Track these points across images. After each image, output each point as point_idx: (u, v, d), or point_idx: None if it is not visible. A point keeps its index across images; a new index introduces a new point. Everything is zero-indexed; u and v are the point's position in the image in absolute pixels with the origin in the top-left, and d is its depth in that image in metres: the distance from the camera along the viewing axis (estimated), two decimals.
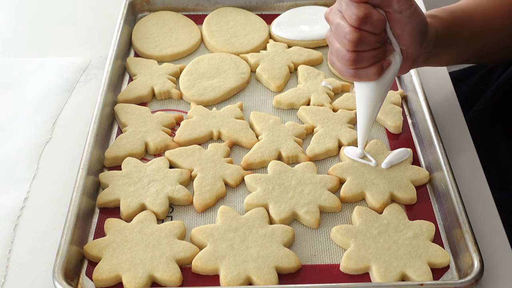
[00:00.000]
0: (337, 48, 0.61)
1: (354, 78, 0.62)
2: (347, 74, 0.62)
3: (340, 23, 0.59)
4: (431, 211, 0.67)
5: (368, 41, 0.58)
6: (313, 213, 0.64)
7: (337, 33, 0.60)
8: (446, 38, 0.67)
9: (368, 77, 0.61)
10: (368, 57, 0.60)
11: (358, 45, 0.58)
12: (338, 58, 0.61)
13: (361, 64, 0.60)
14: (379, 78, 0.62)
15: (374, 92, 0.63)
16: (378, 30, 0.59)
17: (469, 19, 0.70)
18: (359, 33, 0.58)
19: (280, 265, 0.59)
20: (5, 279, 0.61)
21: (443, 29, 0.66)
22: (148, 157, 0.73)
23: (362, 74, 0.61)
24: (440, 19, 0.67)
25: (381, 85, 0.62)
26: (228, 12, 0.95)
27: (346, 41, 0.59)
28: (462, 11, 0.70)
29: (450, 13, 0.69)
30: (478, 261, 0.58)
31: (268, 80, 0.83)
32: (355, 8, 0.57)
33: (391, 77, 0.62)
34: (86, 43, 0.93)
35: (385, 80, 0.62)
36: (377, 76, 0.61)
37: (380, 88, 0.63)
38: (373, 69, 0.61)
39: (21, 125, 0.78)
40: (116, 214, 0.65)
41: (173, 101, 0.81)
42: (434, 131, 0.71)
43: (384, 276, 0.58)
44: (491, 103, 0.86)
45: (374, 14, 0.57)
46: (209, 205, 0.67)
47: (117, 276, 0.58)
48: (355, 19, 0.57)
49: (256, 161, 0.71)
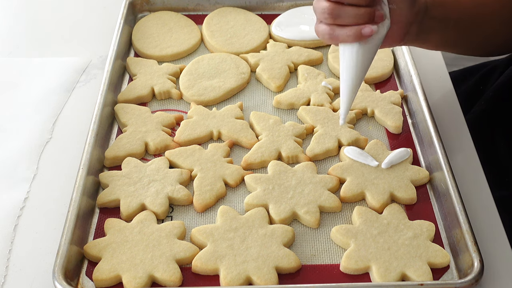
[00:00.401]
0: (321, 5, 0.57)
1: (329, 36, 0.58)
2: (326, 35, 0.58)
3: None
4: (431, 211, 0.67)
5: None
6: (313, 213, 0.64)
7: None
8: (435, 11, 0.65)
9: (346, 38, 0.57)
10: (349, 14, 0.56)
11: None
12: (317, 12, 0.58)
13: (339, 19, 0.56)
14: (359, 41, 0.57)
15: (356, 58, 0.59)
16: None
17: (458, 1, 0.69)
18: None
19: (280, 265, 0.59)
20: (5, 279, 0.61)
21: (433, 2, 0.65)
22: (148, 157, 0.73)
23: (340, 33, 0.57)
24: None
25: (364, 50, 0.58)
26: (228, 12, 0.95)
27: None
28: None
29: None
30: (478, 261, 0.58)
31: (268, 80, 0.83)
32: None
33: (375, 43, 0.58)
34: (86, 43, 0.93)
35: (369, 45, 0.58)
36: (356, 39, 0.57)
37: (363, 54, 0.58)
38: (350, 31, 0.57)
39: (21, 125, 0.78)
40: (116, 214, 0.65)
41: (173, 101, 0.81)
42: (434, 131, 0.71)
43: (384, 276, 0.58)
44: (491, 103, 0.86)
45: None
46: (209, 205, 0.67)
47: (117, 276, 0.58)
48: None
49: (256, 161, 0.71)
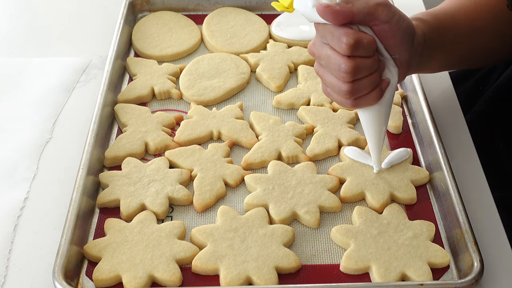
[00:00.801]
0: (332, 82, 0.58)
1: (355, 107, 0.60)
2: (347, 105, 0.59)
3: (331, 55, 0.56)
4: (431, 211, 0.67)
5: (364, 66, 0.56)
6: (313, 213, 0.64)
7: (330, 66, 0.57)
8: (433, 40, 0.65)
9: (369, 103, 0.59)
10: (367, 84, 0.57)
11: (355, 74, 0.56)
12: (335, 91, 0.59)
13: (360, 93, 0.58)
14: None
15: (379, 113, 0.61)
16: (371, 52, 0.56)
17: (453, 21, 0.69)
18: (354, 62, 0.55)
19: (280, 265, 0.59)
20: (5, 279, 0.61)
21: (430, 31, 0.65)
22: (148, 157, 0.73)
23: (363, 102, 0.59)
24: (425, 22, 0.65)
25: (384, 104, 0.60)
26: (228, 12, 0.95)
27: (342, 73, 0.56)
28: (445, 13, 0.69)
29: (434, 16, 0.68)
30: (478, 261, 0.58)
31: (268, 80, 0.83)
32: (344, 37, 0.54)
33: (392, 92, 0.60)
34: (86, 43, 0.93)
35: (386, 97, 0.60)
36: (378, 99, 0.59)
37: (384, 107, 0.61)
38: (374, 94, 0.58)
39: (21, 125, 0.78)
40: (116, 214, 0.65)
41: (173, 101, 0.81)
42: (434, 131, 0.71)
43: (384, 276, 0.58)
44: (490, 104, 0.86)
45: (364, 37, 0.55)
46: (209, 205, 0.67)
47: (117, 276, 0.58)
48: (346, 47, 0.54)
49: (256, 161, 0.71)
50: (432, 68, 0.72)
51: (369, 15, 0.55)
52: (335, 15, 0.54)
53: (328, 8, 0.54)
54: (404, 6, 0.96)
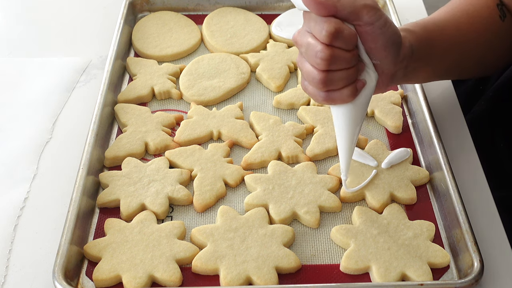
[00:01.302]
0: (308, 70, 0.58)
1: (327, 101, 0.58)
2: (319, 98, 0.58)
3: (311, 42, 0.56)
4: (431, 211, 0.67)
5: (341, 58, 0.55)
6: (313, 213, 0.64)
7: (308, 53, 0.56)
8: (421, 52, 0.65)
9: (342, 99, 0.58)
10: (341, 78, 0.57)
11: (331, 63, 0.55)
12: (309, 80, 0.58)
13: (333, 85, 0.57)
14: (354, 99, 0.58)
15: (351, 114, 0.59)
16: (350, 45, 0.56)
17: (443, 32, 0.68)
18: (331, 50, 0.55)
19: (280, 265, 0.59)
20: (5, 279, 0.61)
21: (418, 42, 0.64)
22: (148, 157, 0.73)
23: (335, 97, 0.58)
24: (414, 33, 0.65)
25: (358, 106, 0.59)
26: (228, 12, 0.95)
27: (318, 60, 0.55)
28: (434, 24, 0.68)
29: (423, 27, 0.67)
30: (478, 261, 0.58)
31: (268, 80, 0.83)
32: (325, 23, 0.54)
33: (367, 96, 0.59)
34: (86, 43, 0.93)
35: (361, 100, 0.59)
36: (351, 98, 0.58)
37: (357, 110, 0.59)
38: (347, 91, 0.57)
39: (21, 125, 0.78)
40: (116, 214, 0.65)
41: (173, 101, 0.81)
42: (434, 131, 0.71)
43: (384, 276, 0.58)
44: (490, 104, 0.86)
45: (345, 29, 0.55)
46: (209, 205, 0.67)
47: (117, 276, 0.58)
48: (326, 34, 0.54)
49: (256, 161, 0.71)
50: (419, 79, 0.71)
51: (353, 13, 0.55)
52: (318, 6, 0.54)
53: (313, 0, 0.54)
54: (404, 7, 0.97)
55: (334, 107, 0.60)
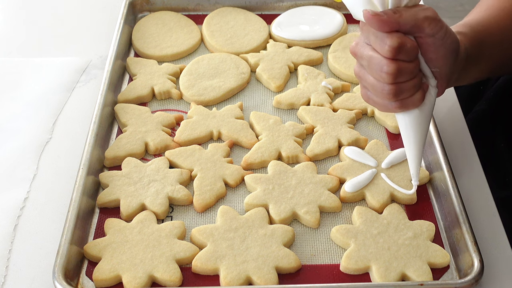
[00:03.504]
0: (373, 83, 0.58)
1: (400, 109, 0.59)
2: (390, 107, 0.59)
3: (373, 56, 0.56)
4: (431, 211, 0.67)
5: (405, 70, 0.56)
6: (313, 213, 0.64)
7: (372, 67, 0.57)
8: (473, 53, 0.65)
9: (414, 105, 0.59)
10: (409, 87, 0.57)
11: (397, 76, 0.56)
12: (376, 93, 0.58)
13: (403, 95, 0.57)
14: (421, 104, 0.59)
15: (418, 121, 0.60)
16: (413, 57, 0.56)
17: (488, 32, 0.68)
18: (396, 64, 0.55)
19: (280, 265, 0.59)
20: (5, 279, 0.61)
21: (470, 45, 0.64)
22: (148, 157, 0.73)
23: (408, 103, 0.59)
24: (466, 35, 0.65)
25: (423, 112, 0.60)
26: (228, 12, 0.95)
27: (384, 74, 0.56)
28: (480, 24, 0.69)
29: (471, 28, 0.67)
30: (478, 261, 0.58)
31: (268, 80, 0.83)
32: (388, 39, 0.54)
33: (431, 103, 0.60)
34: (86, 43, 0.93)
35: (426, 107, 0.60)
36: (421, 101, 0.59)
37: (423, 116, 0.60)
38: (418, 95, 0.58)
39: (21, 125, 0.78)
40: (116, 214, 0.65)
41: (173, 101, 0.81)
42: (434, 131, 0.71)
43: (384, 276, 0.58)
44: (491, 104, 0.86)
45: (408, 42, 0.55)
46: (209, 205, 0.67)
47: (117, 276, 0.58)
48: (389, 49, 0.54)
49: (256, 161, 0.71)
50: (469, 79, 0.71)
51: (415, 27, 0.55)
52: (381, 23, 0.54)
53: (375, 17, 0.54)
54: None
55: (402, 116, 0.61)
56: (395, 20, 0.54)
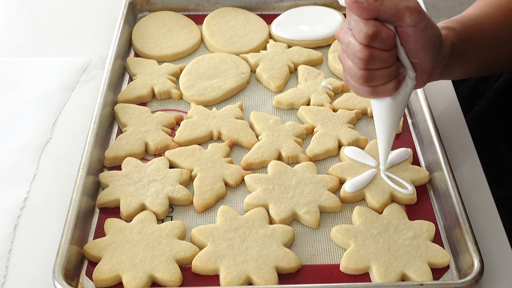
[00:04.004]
0: (349, 66, 0.59)
1: (371, 95, 0.60)
2: (363, 92, 0.60)
3: (351, 41, 0.57)
4: (431, 211, 0.67)
5: (379, 58, 0.57)
6: (313, 213, 0.64)
7: (348, 52, 0.58)
8: (460, 49, 0.65)
9: (385, 93, 0.60)
10: (382, 75, 0.58)
11: (369, 63, 0.57)
12: (351, 76, 0.60)
13: (374, 81, 0.59)
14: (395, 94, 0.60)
15: (391, 109, 0.62)
16: (388, 46, 0.57)
17: (480, 28, 0.69)
18: (369, 51, 0.56)
19: (280, 265, 0.59)
20: (5, 279, 0.61)
21: (457, 40, 0.65)
22: (148, 157, 0.73)
23: (379, 91, 0.60)
24: (454, 30, 0.65)
25: (397, 102, 0.61)
26: (228, 12, 0.95)
27: (356, 59, 0.57)
28: (473, 20, 0.69)
29: (462, 24, 0.67)
30: (478, 261, 0.58)
31: (268, 80, 0.83)
32: (364, 25, 0.55)
33: (407, 94, 0.61)
34: (86, 43, 0.93)
35: (401, 97, 0.61)
36: (394, 90, 0.60)
37: (397, 105, 0.61)
38: (391, 84, 0.59)
39: (21, 125, 0.78)
40: (116, 214, 0.65)
41: (173, 101, 0.81)
42: (434, 131, 0.71)
43: (384, 276, 0.58)
44: (491, 103, 0.86)
45: (383, 31, 0.56)
46: (209, 205, 0.67)
47: (117, 276, 0.58)
48: (364, 36, 0.56)
49: (256, 161, 0.71)
50: (454, 75, 0.71)
51: (396, 16, 0.56)
52: (361, 10, 0.55)
53: (355, 3, 0.55)
54: None
55: (376, 102, 0.62)
56: (375, 8, 0.55)
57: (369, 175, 0.68)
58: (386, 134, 0.64)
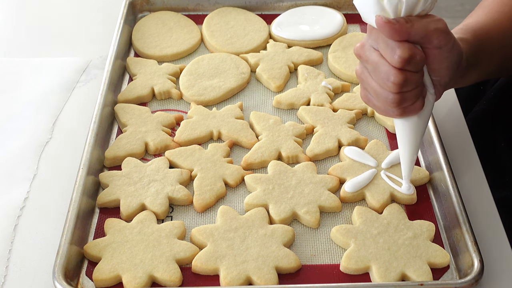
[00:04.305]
0: (376, 89, 0.58)
1: (400, 115, 0.59)
2: (391, 113, 0.59)
3: (380, 63, 0.56)
4: (431, 211, 0.67)
5: (411, 81, 0.56)
6: (313, 213, 0.64)
7: (378, 74, 0.57)
8: (472, 59, 0.65)
9: (414, 112, 0.59)
10: (412, 96, 0.57)
11: (403, 86, 0.56)
12: (379, 99, 0.59)
13: (405, 103, 0.58)
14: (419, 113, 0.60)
15: (416, 127, 0.61)
16: (420, 68, 0.56)
17: (488, 36, 0.68)
18: (404, 75, 0.55)
19: (280, 265, 0.59)
20: (5, 279, 0.61)
21: (471, 51, 0.64)
22: (148, 157, 0.73)
23: (409, 111, 0.59)
24: (468, 42, 0.65)
25: (421, 119, 0.60)
26: (228, 12, 0.95)
27: (390, 83, 0.56)
28: (481, 29, 0.68)
29: (473, 33, 0.67)
30: (478, 261, 0.58)
31: (268, 80, 0.83)
32: (399, 49, 0.54)
33: (429, 110, 0.60)
34: (86, 43, 0.93)
35: (424, 113, 0.60)
36: (421, 108, 0.59)
37: (421, 122, 0.61)
38: (418, 104, 0.58)
39: (21, 125, 0.78)
40: (116, 214, 0.65)
41: (173, 101, 0.81)
42: (434, 131, 0.71)
43: (384, 276, 0.58)
44: (491, 103, 0.86)
45: (418, 53, 0.55)
46: (209, 205, 0.67)
47: (117, 276, 0.58)
48: (399, 60, 0.54)
49: (256, 161, 0.71)
50: (465, 83, 0.71)
51: (425, 38, 0.55)
52: (392, 32, 0.54)
53: (388, 24, 0.53)
54: None
55: (400, 121, 0.61)
56: (406, 30, 0.54)
57: (369, 175, 0.68)
58: (411, 151, 0.63)
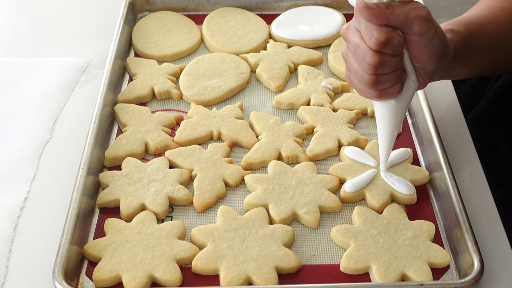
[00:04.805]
0: (356, 69, 0.59)
1: (376, 97, 0.60)
2: (368, 94, 0.60)
3: (360, 45, 0.57)
4: (431, 211, 0.67)
5: (388, 64, 0.57)
6: (313, 213, 0.64)
7: (356, 55, 0.58)
8: (463, 52, 0.65)
9: (391, 96, 0.60)
10: (389, 79, 0.58)
11: (379, 68, 0.57)
12: (357, 79, 0.60)
13: (381, 85, 0.59)
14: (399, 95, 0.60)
15: (394, 111, 0.62)
16: (397, 52, 0.57)
17: (483, 29, 0.68)
18: (380, 57, 0.56)
19: (280, 265, 0.59)
20: (5, 279, 0.61)
21: (461, 43, 0.65)
22: (148, 157, 0.73)
23: (384, 93, 0.60)
24: (458, 33, 0.65)
25: (400, 103, 0.61)
26: (228, 12, 0.95)
27: (365, 64, 0.57)
28: (476, 21, 0.69)
29: (466, 26, 0.67)
30: (478, 261, 0.58)
31: (268, 80, 0.83)
32: (376, 31, 0.55)
33: (409, 95, 0.61)
34: (86, 43, 0.93)
35: (403, 99, 0.61)
36: (399, 93, 0.60)
37: (400, 107, 0.61)
38: (396, 87, 0.59)
39: (21, 125, 0.78)
40: (116, 214, 0.65)
41: (173, 101, 0.81)
42: (434, 131, 0.71)
43: (384, 276, 0.58)
44: (492, 103, 0.86)
45: (395, 37, 0.56)
46: (209, 205, 0.67)
47: (117, 276, 0.58)
48: (376, 42, 0.55)
49: (256, 161, 0.71)
50: (456, 75, 0.71)
51: (405, 24, 0.56)
52: (371, 16, 0.55)
53: (366, 9, 0.54)
54: None
55: (379, 103, 0.62)
56: (385, 15, 0.55)
57: (369, 175, 0.68)
58: (388, 135, 0.64)
